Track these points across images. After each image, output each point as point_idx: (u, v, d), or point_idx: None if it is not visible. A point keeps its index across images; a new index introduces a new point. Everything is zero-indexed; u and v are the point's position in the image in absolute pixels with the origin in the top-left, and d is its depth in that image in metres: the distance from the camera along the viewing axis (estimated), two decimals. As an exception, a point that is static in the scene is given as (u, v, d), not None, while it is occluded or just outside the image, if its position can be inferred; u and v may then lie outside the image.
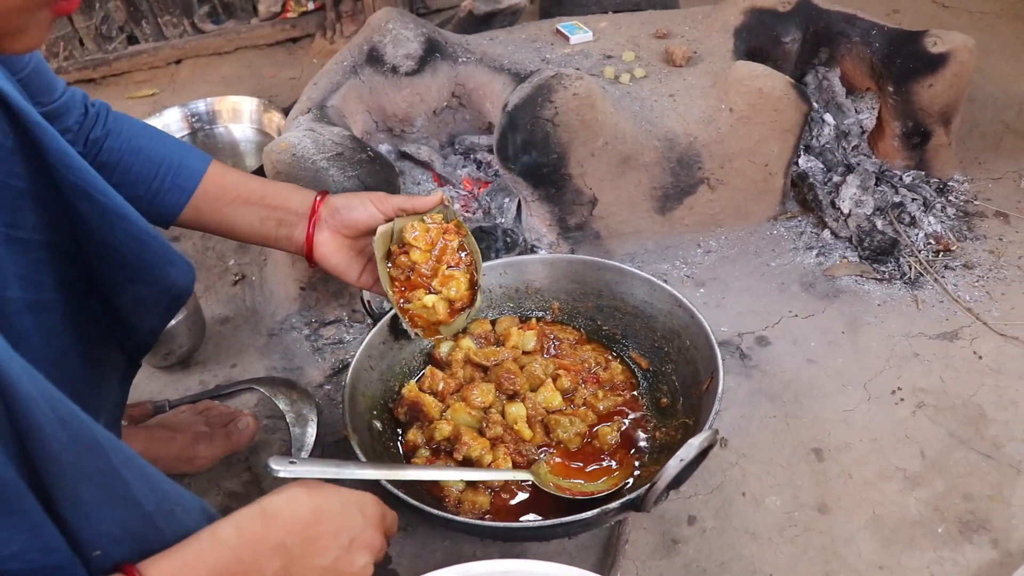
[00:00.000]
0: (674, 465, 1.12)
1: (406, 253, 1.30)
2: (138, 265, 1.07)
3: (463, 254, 1.33)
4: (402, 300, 1.30)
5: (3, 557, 0.72)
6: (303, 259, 1.31)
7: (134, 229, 1.05)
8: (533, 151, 1.67)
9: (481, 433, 1.38)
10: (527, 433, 1.38)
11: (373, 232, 1.27)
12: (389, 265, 1.30)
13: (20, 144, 0.92)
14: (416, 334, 1.32)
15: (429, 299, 1.29)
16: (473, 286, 1.33)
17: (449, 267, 1.31)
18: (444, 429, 1.36)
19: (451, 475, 1.28)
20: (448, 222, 1.32)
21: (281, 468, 0.99)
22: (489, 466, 1.32)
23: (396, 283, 1.30)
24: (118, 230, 1.03)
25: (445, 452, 1.36)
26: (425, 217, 1.31)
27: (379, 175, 1.60)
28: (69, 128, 1.15)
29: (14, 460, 0.71)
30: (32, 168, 0.93)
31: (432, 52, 1.86)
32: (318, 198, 1.26)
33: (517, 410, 1.40)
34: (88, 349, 1.08)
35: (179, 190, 1.21)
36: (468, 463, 1.33)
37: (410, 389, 1.43)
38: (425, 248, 1.30)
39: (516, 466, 1.33)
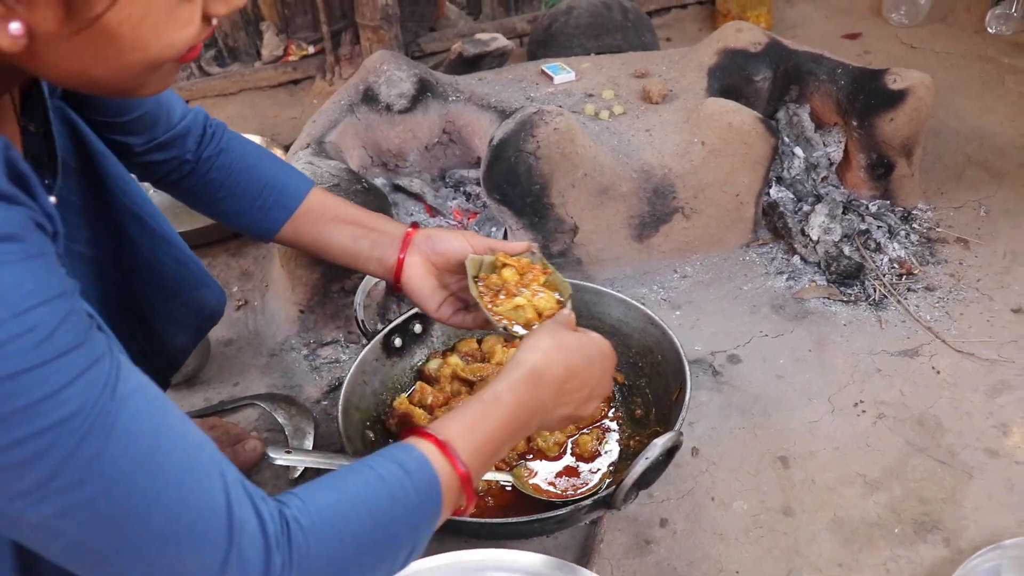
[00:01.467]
0: (640, 464, 1.22)
1: (497, 272, 1.32)
2: (177, 286, 1.18)
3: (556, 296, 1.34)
4: (491, 305, 1.30)
5: None
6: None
7: (177, 252, 1.17)
8: (517, 182, 1.79)
9: None
10: None
11: (460, 267, 1.30)
12: (479, 283, 1.32)
13: (83, 167, 1.03)
14: (504, 327, 1.28)
15: (520, 300, 1.29)
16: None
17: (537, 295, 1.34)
18: None
19: None
20: (534, 264, 1.35)
21: (278, 456, 1.10)
22: None
23: (485, 299, 1.30)
24: (162, 252, 1.15)
25: (433, 460, 1.46)
26: (512, 257, 1.34)
27: (373, 205, 1.72)
28: (188, 150, 1.24)
29: None
30: (90, 189, 1.04)
31: (424, 91, 1.99)
32: (412, 226, 1.32)
33: None
34: None
35: (281, 208, 1.28)
36: None
37: (401, 402, 1.54)
38: (518, 269, 1.32)
39: (498, 470, 1.43)
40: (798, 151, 2.13)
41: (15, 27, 0.62)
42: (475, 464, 0.92)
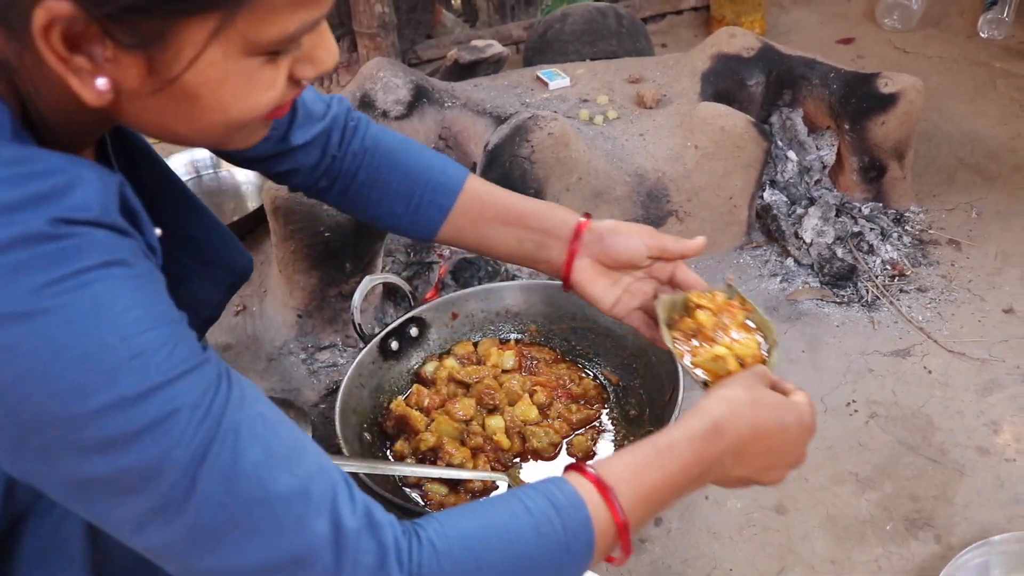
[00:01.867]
0: (633, 462, 1.23)
1: (691, 316, 1.24)
2: (210, 251, 1.13)
3: (756, 333, 1.23)
4: (687, 354, 1.21)
5: None
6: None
7: (209, 218, 1.13)
8: (512, 187, 1.81)
9: (463, 443, 1.50)
10: (505, 443, 1.50)
11: (633, 266, 1.22)
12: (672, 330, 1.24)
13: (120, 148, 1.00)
14: (705, 382, 1.17)
15: (719, 349, 1.18)
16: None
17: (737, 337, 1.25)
18: (428, 439, 1.48)
19: (433, 472, 1.40)
20: (731, 299, 1.26)
21: None
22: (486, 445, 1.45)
23: (679, 342, 1.22)
24: (194, 220, 1.11)
25: (430, 461, 1.48)
26: (706, 294, 1.26)
27: (370, 210, 1.74)
28: (328, 154, 1.16)
29: None
30: (122, 164, 1.01)
31: (420, 98, 2.02)
32: (582, 221, 1.20)
33: (496, 422, 1.52)
34: None
35: (436, 207, 1.19)
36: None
37: (398, 404, 1.55)
38: (713, 310, 1.23)
39: (493, 471, 1.45)
40: (791, 154, 2.15)
41: (101, 83, 0.63)
42: (636, 513, 0.85)
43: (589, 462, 0.87)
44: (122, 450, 0.62)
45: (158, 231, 0.80)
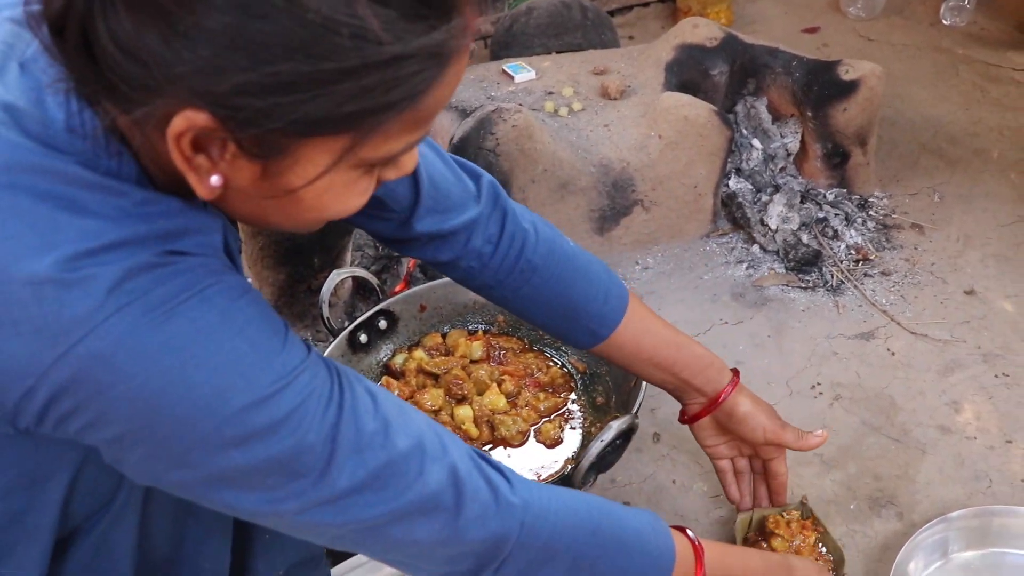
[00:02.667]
0: (596, 446, 1.26)
1: (765, 541, 1.36)
2: None
3: (822, 549, 1.37)
4: None
5: None
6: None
7: None
8: (478, 179, 1.82)
9: None
10: (474, 432, 1.52)
11: (749, 439, 1.33)
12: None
13: None
14: None
15: None
16: None
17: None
18: None
19: None
20: (805, 519, 1.39)
21: None
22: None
23: None
24: None
25: (399, 451, 1.49)
26: (783, 512, 1.39)
27: (336, 205, 1.74)
28: (474, 252, 1.14)
29: None
30: None
31: (386, 93, 2.02)
32: (727, 389, 1.29)
33: (464, 412, 1.54)
34: None
35: (593, 335, 1.22)
36: None
37: (371, 395, 1.57)
38: (786, 537, 1.35)
39: None
40: (756, 143, 2.18)
41: (215, 180, 0.66)
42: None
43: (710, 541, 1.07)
44: (262, 443, 0.68)
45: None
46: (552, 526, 0.86)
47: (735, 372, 1.31)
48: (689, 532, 1.02)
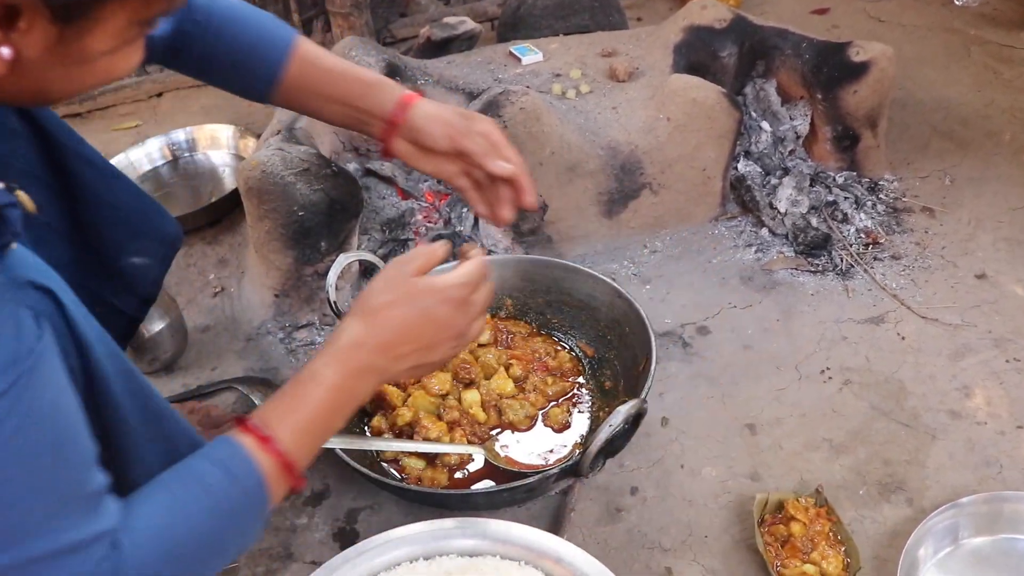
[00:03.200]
0: (604, 431, 1.25)
1: (784, 523, 1.39)
2: (138, 219, 1.20)
3: (842, 549, 1.37)
4: (777, 563, 1.34)
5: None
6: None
7: (131, 186, 1.20)
8: (486, 162, 1.81)
9: (439, 417, 1.51)
10: (481, 416, 1.51)
11: (445, 152, 1.30)
12: (765, 531, 1.39)
13: (28, 129, 1.04)
14: None
15: (809, 568, 1.32)
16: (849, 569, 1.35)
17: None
18: (405, 415, 1.49)
19: (410, 446, 1.42)
20: (820, 507, 1.41)
21: None
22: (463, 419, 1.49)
23: (770, 549, 1.36)
24: (119, 189, 1.17)
25: (407, 435, 1.49)
26: (801, 499, 1.41)
27: (343, 188, 1.74)
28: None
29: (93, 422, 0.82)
30: (39, 150, 1.05)
31: (392, 76, 2.00)
32: (400, 104, 1.28)
33: (472, 396, 1.53)
34: None
35: (265, 81, 1.27)
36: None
37: (375, 380, 1.56)
38: (805, 522, 1.37)
39: (470, 444, 1.46)
40: (765, 125, 2.16)
41: (5, 52, 0.65)
42: (302, 445, 0.95)
43: (251, 416, 0.94)
44: None
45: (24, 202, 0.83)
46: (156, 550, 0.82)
47: (417, 91, 1.33)
48: (250, 423, 0.93)
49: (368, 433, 1.52)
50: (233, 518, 0.89)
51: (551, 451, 1.48)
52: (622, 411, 1.25)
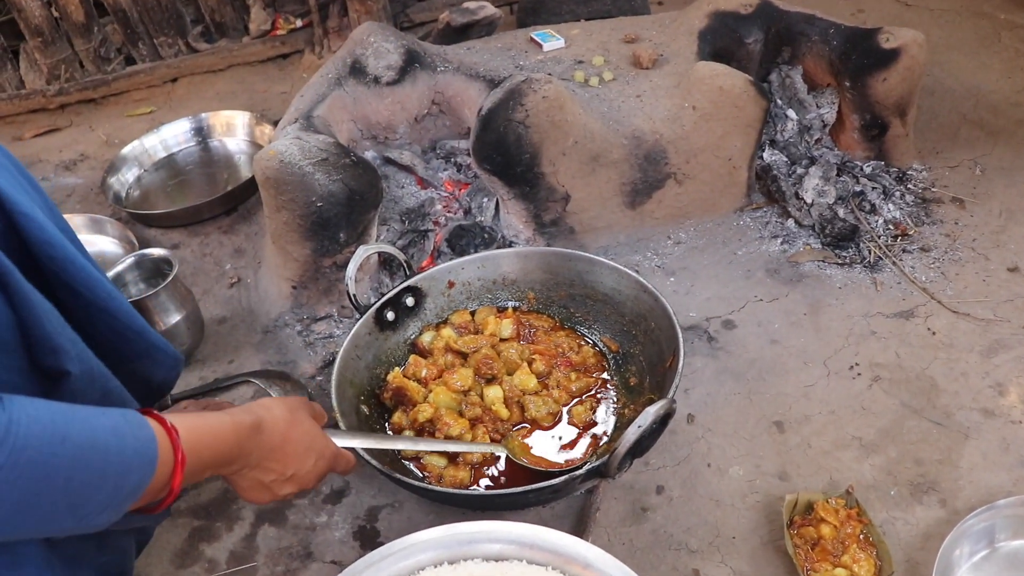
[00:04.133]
0: (633, 432, 1.22)
1: (814, 525, 1.36)
2: (118, 357, 1.14)
3: (874, 552, 1.34)
4: (807, 566, 1.32)
5: None
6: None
7: (117, 324, 1.13)
8: (507, 152, 1.78)
9: (461, 414, 1.48)
10: (504, 413, 1.48)
11: None
12: (794, 532, 1.36)
13: (4, 227, 0.97)
14: None
15: (840, 572, 1.30)
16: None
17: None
18: (426, 411, 1.47)
19: (431, 445, 1.39)
20: (851, 508, 1.38)
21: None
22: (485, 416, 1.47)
23: (799, 551, 1.33)
24: (100, 324, 1.11)
25: (428, 432, 1.46)
26: (831, 500, 1.38)
27: (363, 178, 1.70)
28: None
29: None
30: (16, 251, 0.97)
31: (412, 62, 1.97)
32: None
33: (495, 392, 1.50)
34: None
35: None
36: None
37: (395, 376, 1.54)
38: (836, 525, 1.35)
39: (493, 442, 1.44)
40: (791, 113, 2.11)
41: None
42: (192, 456, 0.96)
43: (182, 414, 1.03)
44: None
45: None
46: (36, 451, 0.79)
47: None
48: (159, 413, 0.96)
49: (389, 430, 1.50)
50: (120, 450, 0.86)
51: (573, 446, 1.45)
52: (651, 411, 1.21)
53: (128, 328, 1.16)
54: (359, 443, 1.27)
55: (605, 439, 1.47)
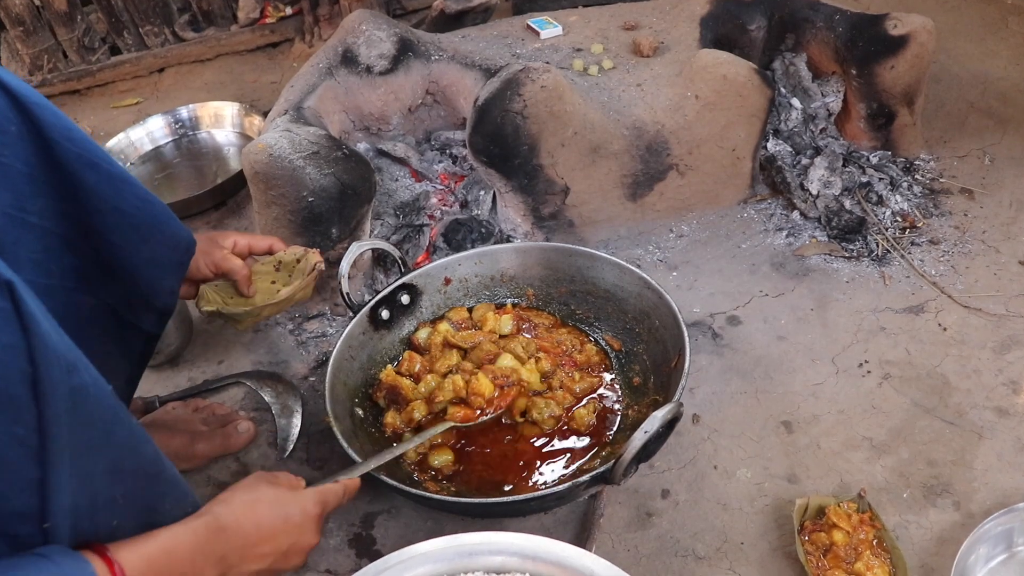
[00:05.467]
0: (639, 437, 1.17)
1: (825, 530, 1.31)
2: (147, 224, 1.14)
3: (887, 558, 1.30)
4: (819, 574, 1.27)
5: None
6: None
7: (139, 191, 1.12)
8: (504, 144, 1.72)
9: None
10: (489, 389, 1.43)
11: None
12: (805, 538, 1.31)
13: (25, 129, 0.96)
14: None
15: None
16: None
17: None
18: (421, 409, 1.42)
19: (428, 433, 1.36)
20: (863, 512, 1.33)
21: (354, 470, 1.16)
22: (470, 392, 1.41)
23: (811, 558, 1.29)
24: (126, 193, 1.10)
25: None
26: (842, 504, 1.33)
27: (355, 172, 1.65)
28: None
29: (35, 424, 0.75)
30: (37, 152, 0.97)
31: (405, 51, 1.91)
32: None
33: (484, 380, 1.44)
34: (91, 341, 1.13)
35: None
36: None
37: (387, 373, 1.48)
38: (848, 530, 1.30)
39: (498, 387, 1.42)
40: (795, 102, 2.06)
41: None
42: None
43: (124, 542, 0.86)
44: None
45: None
46: None
47: None
48: (111, 554, 0.84)
49: (387, 432, 1.45)
50: None
51: (579, 452, 1.40)
52: (658, 416, 1.16)
53: (148, 194, 1.14)
54: (373, 464, 1.22)
55: (608, 441, 1.42)
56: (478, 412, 1.40)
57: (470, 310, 1.62)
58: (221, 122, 2.40)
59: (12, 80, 0.95)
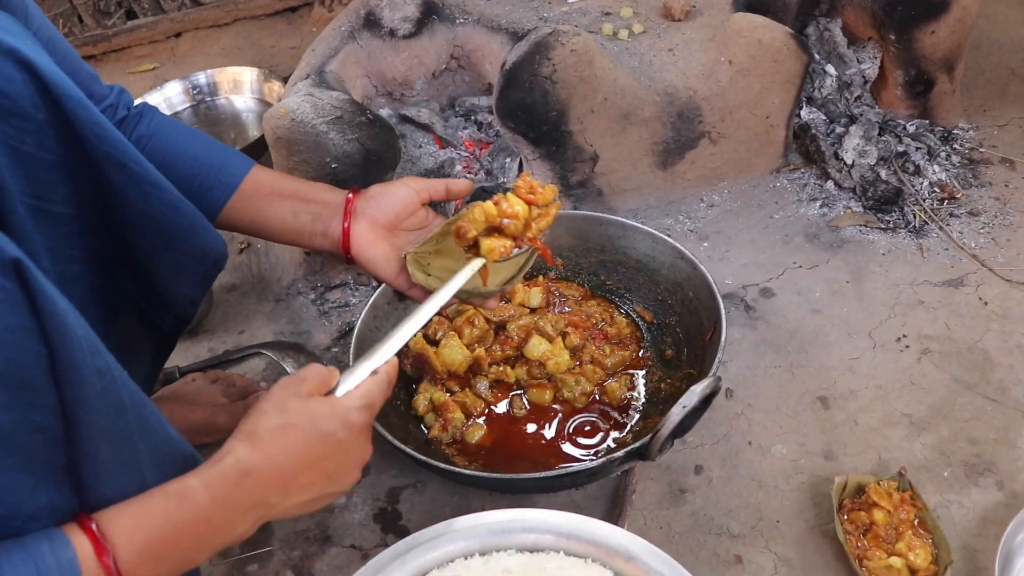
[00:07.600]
0: (677, 412, 1.13)
1: (865, 509, 1.27)
2: (174, 232, 1.07)
3: (928, 538, 1.26)
4: (859, 555, 1.23)
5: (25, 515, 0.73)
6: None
7: (169, 197, 1.06)
8: (532, 109, 1.67)
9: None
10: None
11: (409, 214, 1.22)
12: (844, 517, 1.27)
13: (52, 118, 0.91)
14: None
15: (895, 560, 1.21)
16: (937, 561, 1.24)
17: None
18: (439, 396, 1.40)
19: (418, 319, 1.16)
20: (903, 491, 1.29)
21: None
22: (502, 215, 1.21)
23: (850, 538, 1.25)
24: (153, 199, 1.04)
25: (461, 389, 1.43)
26: (882, 482, 1.29)
27: (379, 138, 1.60)
28: None
29: (54, 408, 0.71)
30: (64, 141, 0.93)
31: (429, 14, 1.86)
32: (352, 191, 1.21)
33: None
34: (115, 324, 1.09)
35: (221, 188, 1.18)
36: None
37: (416, 341, 1.45)
38: (889, 510, 1.26)
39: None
40: (830, 69, 1.99)
41: None
42: (142, 568, 0.78)
43: (98, 515, 0.78)
44: None
45: None
46: None
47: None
48: (92, 526, 0.76)
49: (414, 409, 1.41)
50: None
51: (611, 431, 1.36)
52: (696, 390, 1.12)
53: (179, 200, 1.07)
54: (409, 334, 1.09)
55: (639, 417, 1.38)
56: (512, 244, 1.20)
57: (497, 280, 1.58)
58: (240, 88, 2.35)
59: (47, 68, 0.90)
